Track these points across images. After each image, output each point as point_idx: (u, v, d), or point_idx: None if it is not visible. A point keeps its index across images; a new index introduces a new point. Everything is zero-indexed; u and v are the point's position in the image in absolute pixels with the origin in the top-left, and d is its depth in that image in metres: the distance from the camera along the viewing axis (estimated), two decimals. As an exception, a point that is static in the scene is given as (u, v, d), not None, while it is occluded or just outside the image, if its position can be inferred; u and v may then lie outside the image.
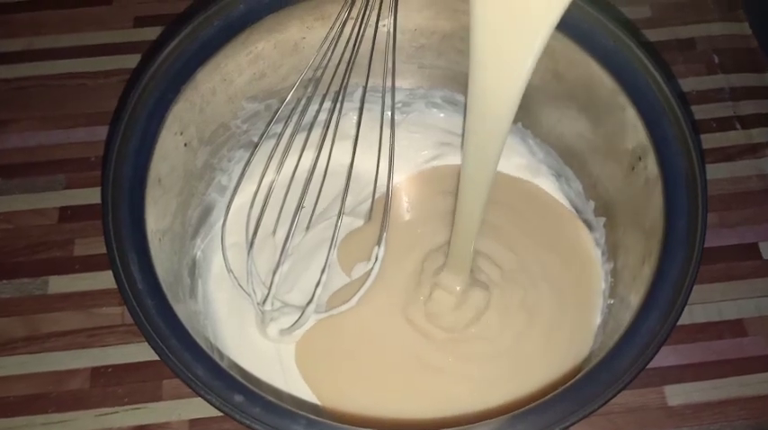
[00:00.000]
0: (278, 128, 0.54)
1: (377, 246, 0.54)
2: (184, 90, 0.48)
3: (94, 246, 0.57)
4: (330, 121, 0.54)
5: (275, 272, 0.53)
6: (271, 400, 0.39)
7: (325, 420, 0.38)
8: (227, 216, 0.54)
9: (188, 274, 0.52)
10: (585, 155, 0.54)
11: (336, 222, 0.52)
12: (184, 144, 0.50)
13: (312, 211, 0.56)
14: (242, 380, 0.39)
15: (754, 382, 0.54)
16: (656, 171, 0.45)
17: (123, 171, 0.44)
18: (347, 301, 0.53)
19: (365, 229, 0.57)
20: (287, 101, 0.53)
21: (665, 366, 0.54)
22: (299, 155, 0.56)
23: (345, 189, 0.53)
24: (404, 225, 0.57)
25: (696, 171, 0.44)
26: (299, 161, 0.56)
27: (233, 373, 0.40)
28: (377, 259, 0.53)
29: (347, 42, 0.52)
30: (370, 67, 0.53)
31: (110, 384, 0.53)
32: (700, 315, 0.56)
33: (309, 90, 0.54)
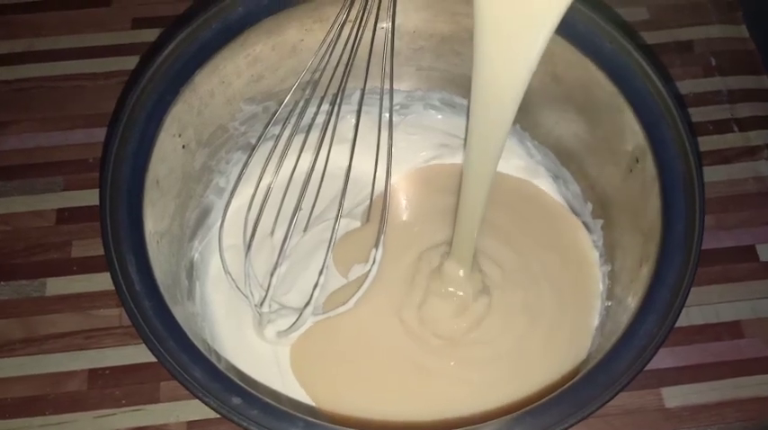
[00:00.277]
0: (276, 130, 0.54)
1: (374, 248, 0.54)
2: (183, 92, 0.48)
3: (92, 247, 0.57)
4: (328, 124, 0.54)
5: (273, 274, 0.53)
6: (269, 402, 0.39)
7: (323, 422, 0.38)
8: (224, 218, 0.54)
9: (186, 276, 0.52)
10: (583, 157, 0.55)
11: (334, 224, 0.52)
12: (182, 146, 0.50)
13: (310, 213, 0.56)
14: (240, 383, 0.39)
15: (751, 384, 0.54)
16: (653, 173, 0.45)
17: (121, 173, 0.44)
18: (344, 303, 0.53)
19: (361, 231, 0.57)
20: (285, 103, 0.53)
21: (662, 368, 0.54)
22: (296, 157, 0.56)
23: (343, 191, 0.53)
24: (400, 225, 0.57)
25: (694, 173, 0.44)
26: (296, 163, 0.56)
27: (231, 375, 0.40)
28: (374, 261, 0.53)
29: (345, 45, 0.52)
30: (368, 69, 0.53)
31: (107, 386, 0.53)
32: (697, 317, 0.56)
33: (308, 92, 0.54)
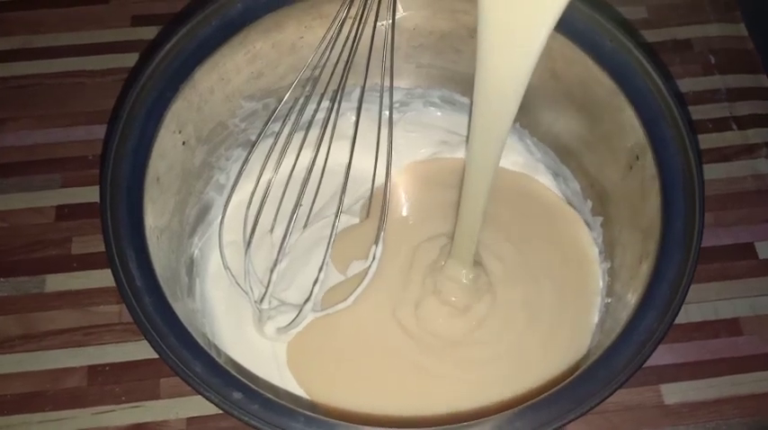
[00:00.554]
0: (276, 127, 0.54)
1: (374, 245, 0.54)
2: (182, 89, 0.48)
3: (92, 244, 0.57)
4: (328, 121, 0.54)
5: (272, 270, 0.53)
6: (269, 397, 0.39)
7: (322, 417, 0.38)
8: (224, 214, 0.54)
9: (186, 273, 0.52)
10: (583, 154, 0.55)
11: (334, 220, 0.52)
12: (182, 142, 0.50)
13: (310, 210, 0.56)
14: (241, 378, 0.39)
15: (750, 381, 0.54)
16: (653, 171, 0.45)
17: (122, 169, 0.44)
18: (343, 300, 0.53)
19: (359, 227, 0.57)
20: (285, 100, 0.53)
21: (661, 365, 0.54)
22: (296, 153, 0.55)
23: (343, 187, 0.53)
24: (398, 220, 0.57)
25: (693, 171, 0.45)
26: (296, 160, 0.56)
27: (232, 371, 0.40)
28: (374, 258, 0.53)
29: (345, 42, 0.52)
30: (368, 66, 0.53)
31: (107, 382, 0.53)
32: (696, 314, 0.56)
33: (307, 89, 0.54)
